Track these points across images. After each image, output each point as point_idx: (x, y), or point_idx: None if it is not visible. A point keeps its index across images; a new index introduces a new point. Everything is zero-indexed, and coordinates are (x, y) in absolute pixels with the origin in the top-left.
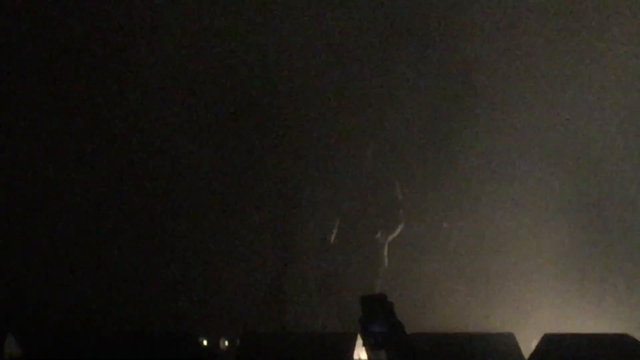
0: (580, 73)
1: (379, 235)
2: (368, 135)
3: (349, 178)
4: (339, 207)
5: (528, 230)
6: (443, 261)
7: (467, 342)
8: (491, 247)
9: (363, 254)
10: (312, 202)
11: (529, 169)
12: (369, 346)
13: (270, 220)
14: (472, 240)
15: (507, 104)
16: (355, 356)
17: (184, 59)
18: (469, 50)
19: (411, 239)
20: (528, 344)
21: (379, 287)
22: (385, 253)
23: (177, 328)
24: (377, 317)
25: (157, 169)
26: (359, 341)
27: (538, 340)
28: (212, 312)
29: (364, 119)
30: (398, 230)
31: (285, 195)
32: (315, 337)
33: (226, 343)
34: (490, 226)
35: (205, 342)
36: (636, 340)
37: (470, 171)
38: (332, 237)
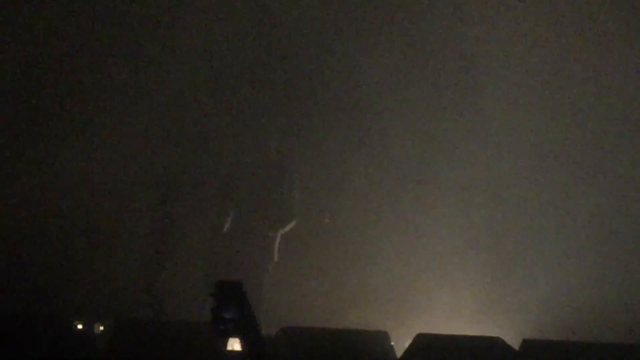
0: None
1: (270, 231)
2: (271, 128)
3: (249, 169)
4: (234, 198)
5: (409, 230)
6: (326, 257)
7: (341, 338)
8: (372, 246)
9: (254, 246)
10: (204, 190)
11: (415, 166)
12: (218, 333)
13: (153, 206)
14: (352, 238)
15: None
16: (229, 347)
17: None
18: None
19: (300, 234)
20: (402, 343)
21: (267, 280)
22: (277, 247)
23: (51, 311)
24: (229, 304)
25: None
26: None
27: (411, 340)
28: (88, 296)
29: (269, 110)
30: (290, 225)
31: (173, 182)
32: (191, 326)
33: (101, 328)
34: (370, 225)
35: (80, 326)
36: (507, 344)
37: (357, 167)
38: (226, 226)
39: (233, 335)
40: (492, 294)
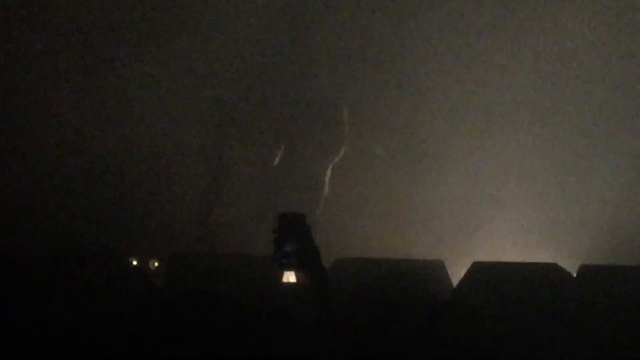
0: None
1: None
2: (319, 58)
3: (296, 101)
4: (283, 131)
5: (464, 156)
6: (380, 189)
7: (395, 268)
8: (424, 173)
9: (304, 179)
10: (255, 125)
11: (473, 99)
12: (279, 265)
13: (207, 143)
14: (406, 166)
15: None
16: (285, 279)
17: None
18: None
19: (351, 165)
20: (457, 272)
21: (319, 213)
22: (327, 179)
23: (106, 247)
24: (292, 236)
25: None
26: None
27: (467, 269)
28: (142, 233)
29: (314, 40)
30: (340, 155)
31: (225, 117)
32: (246, 259)
33: (156, 264)
34: (426, 152)
35: (134, 262)
36: (565, 271)
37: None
38: (276, 161)
39: (296, 268)
40: (548, 219)
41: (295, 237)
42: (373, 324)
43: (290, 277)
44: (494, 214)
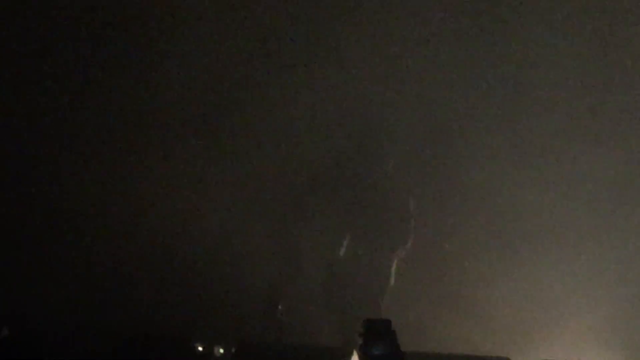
0: None
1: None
2: (386, 149)
3: (362, 192)
4: (350, 222)
5: (532, 256)
6: (446, 283)
7: None
8: (492, 269)
9: (371, 271)
10: (323, 214)
11: (537, 195)
12: None
13: (276, 230)
14: (474, 262)
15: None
16: None
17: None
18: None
19: (418, 258)
20: None
21: (383, 305)
22: (393, 271)
23: (173, 333)
24: (379, 342)
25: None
26: (355, 357)
27: None
28: (209, 319)
29: (382, 134)
30: (408, 246)
31: (295, 207)
32: (312, 350)
33: (221, 350)
34: (493, 248)
35: (200, 348)
36: None
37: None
38: (342, 251)
39: None
40: (620, 318)
41: (381, 342)
42: None
43: None
44: (561, 312)
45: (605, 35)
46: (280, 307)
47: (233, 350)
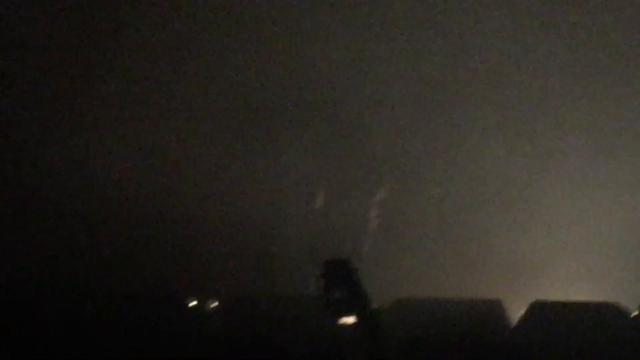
0: None
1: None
2: (353, 96)
3: (333, 140)
4: (326, 172)
5: (521, 195)
6: (431, 224)
7: (452, 308)
8: (483, 213)
9: (349, 218)
10: (296, 165)
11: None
12: (329, 312)
13: (258, 185)
14: (464, 206)
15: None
16: (341, 321)
17: None
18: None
19: (402, 205)
20: (516, 312)
21: (367, 250)
22: (371, 217)
23: (166, 289)
24: (340, 283)
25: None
26: None
27: (526, 308)
28: (201, 275)
29: (349, 79)
30: (382, 193)
31: (272, 161)
32: (301, 301)
33: (214, 305)
34: (483, 189)
35: (192, 304)
36: (625, 310)
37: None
38: (319, 202)
39: (345, 314)
40: (611, 256)
41: (342, 283)
42: None
43: (348, 319)
44: (553, 253)
45: None
46: (268, 260)
47: (225, 304)
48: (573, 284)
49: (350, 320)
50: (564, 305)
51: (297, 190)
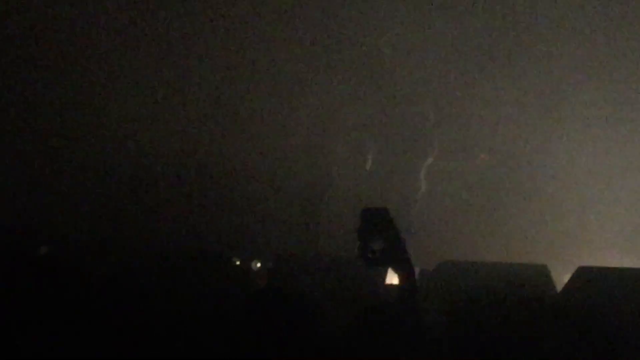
0: None
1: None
2: (407, 60)
3: (385, 104)
4: (375, 134)
5: (566, 159)
6: (480, 191)
7: (498, 271)
8: (528, 178)
9: (399, 182)
10: (347, 128)
11: (571, 101)
12: (365, 260)
13: (306, 146)
14: (509, 171)
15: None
16: (388, 281)
17: None
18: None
19: (450, 169)
20: (562, 277)
21: (415, 213)
22: (421, 181)
23: (211, 248)
24: (377, 232)
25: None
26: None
27: (572, 273)
28: (246, 234)
29: (401, 44)
30: (432, 157)
31: (321, 121)
32: (349, 262)
33: (258, 265)
34: (530, 157)
35: (237, 263)
36: None
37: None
38: (369, 164)
39: (382, 264)
40: None
41: (379, 232)
42: (479, 326)
43: (393, 279)
44: (599, 218)
45: None
46: (315, 220)
47: (270, 264)
48: (618, 251)
49: (394, 277)
50: (609, 270)
51: (345, 151)
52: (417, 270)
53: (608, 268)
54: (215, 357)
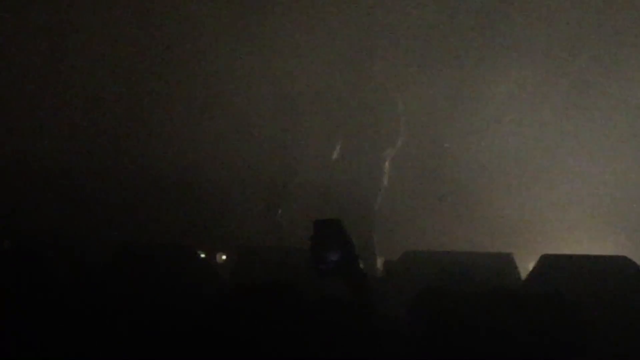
0: None
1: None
2: (374, 48)
3: (352, 92)
4: (342, 123)
5: (528, 147)
6: (442, 180)
7: (463, 261)
8: (492, 165)
9: (365, 171)
10: (314, 116)
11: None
12: (318, 272)
13: (270, 135)
14: (473, 158)
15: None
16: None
17: None
18: None
19: (413, 157)
20: (526, 266)
21: (378, 205)
22: (386, 171)
23: (174, 241)
24: (330, 243)
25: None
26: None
27: (535, 261)
28: (210, 226)
29: (368, 32)
30: (398, 146)
31: (286, 109)
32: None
33: (223, 257)
34: (492, 145)
35: (202, 255)
36: (635, 264)
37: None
38: (335, 154)
39: (334, 275)
40: (620, 210)
41: (332, 243)
42: (444, 317)
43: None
44: (564, 206)
45: None
46: (279, 210)
47: (235, 256)
48: (582, 238)
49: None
50: (572, 258)
51: (311, 141)
52: (381, 260)
53: (571, 255)
54: (183, 353)
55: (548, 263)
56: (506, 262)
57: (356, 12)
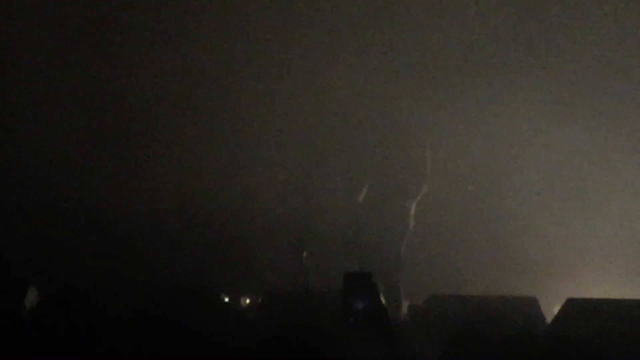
0: None
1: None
2: (400, 94)
3: (378, 138)
4: (368, 169)
5: (554, 192)
6: (468, 224)
7: (488, 305)
8: (518, 210)
9: (389, 215)
10: (341, 163)
11: (557, 137)
12: (347, 325)
13: (296, 180)
14: (498, 203)
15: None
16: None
17: None
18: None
19: (437, 202)
20: (551, 309)
21: (403, 248)
22: (412, 214)
23: (199, 284)
24: (360, 295)
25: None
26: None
27: (561, 305)
28: (234, 270)
29: (396, 81)
30: (423, 190)
31: (313, 155)
32: (338, 297)
33: (247, 300)
34: (517, 188)
35: (226, 299)
36: None
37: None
38: (361, 197)
39: (364, 328)
40: None
41: (362, 297)
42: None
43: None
44: (589, 248)
45: None
46: (305, 254)
47: (259, 300)
48: (608, 282)
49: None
50: (598, 302)
51: (337, 185)
52: (407, 304)
53: (597, 300)
54: None
55: (574, 307)
56: (531, 305)
57: (384, 57)
